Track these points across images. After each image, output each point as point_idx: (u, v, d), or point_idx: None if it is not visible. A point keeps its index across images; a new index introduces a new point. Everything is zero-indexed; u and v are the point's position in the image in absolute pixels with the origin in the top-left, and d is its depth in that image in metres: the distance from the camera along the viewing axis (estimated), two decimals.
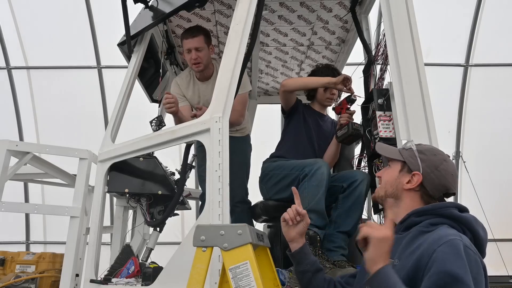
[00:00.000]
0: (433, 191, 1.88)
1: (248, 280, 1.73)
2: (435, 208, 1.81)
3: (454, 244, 1.59)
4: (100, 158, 3.08)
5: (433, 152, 1.96)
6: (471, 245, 1.64)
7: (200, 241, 1.83)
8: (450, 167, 1.91)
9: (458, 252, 1.56)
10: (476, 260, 1.59)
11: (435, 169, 1.89)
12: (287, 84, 3.54)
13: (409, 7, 2.82)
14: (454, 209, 1.78)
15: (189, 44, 3.56)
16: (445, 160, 1.92)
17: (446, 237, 1.63)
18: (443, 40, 7.64)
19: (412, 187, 1.90)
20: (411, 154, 1.95)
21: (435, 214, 1.79)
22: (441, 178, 1.88)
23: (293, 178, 3.25)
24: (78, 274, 3.18)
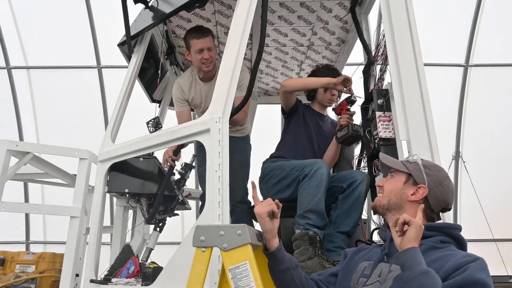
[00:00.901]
0: (435, 205, 1.94)
1: (248, 280, 1.73)
2: (446, 227, 1.89)
3: (484, 263, 1.68)
4: (100, 158, 3.09)
5: (437, 168, 2.03)
6: None
7: (199, 241, 1.83)
8: (451, 184, 1.99)
9: (487, 270, 1.65)
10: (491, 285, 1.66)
11: (440, 184, 1.95)
12: (287, 84, 3.54)
13: (409, 8, 2.82)
14: (458, 231, 1.89)
15: (202, 43, 3.57)
16: (447, 177, 1.99)
17: (475, 256, 1.71)
18: (443, 40, 7.65)
19: (416, 199, 1.94)
20: (416, 168, 1.99)
21: (444, 233, 1.86)
22: (444, 193, 1.95)
23: (293, 178, 3.26)
24: (78, 274, 3.19)
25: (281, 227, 3.41)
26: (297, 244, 2.92)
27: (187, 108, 3.84)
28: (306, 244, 2.88)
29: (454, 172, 8.20)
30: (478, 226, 7.48)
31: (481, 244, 8.03)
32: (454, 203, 7.97)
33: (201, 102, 3.80)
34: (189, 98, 3.80)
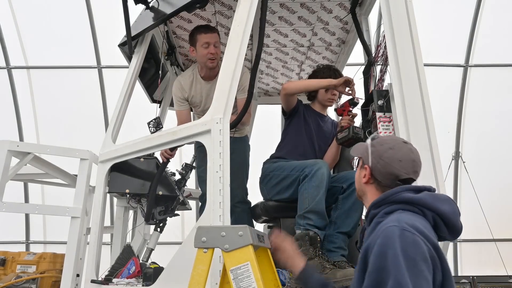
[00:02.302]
0: (384, 180, 1.90)
1: (249, 281, 1.74)
2: (387, 196, 1.82)
3: (387, 235, 1.60)
4: (101, 158, 3.09)
5: (382, 142, 1.96)
6: (413, 226, 1.62)
7: (201, 242, 1.84)
8: (397, 154, 1.90)
9: (390, 242, 1.57)
10: (414, 241, 1.57)
11: (380, 158, 1.90)
12: (288, 87, 3.53)
13: (409, 9, 2.82)
14: (406, 193, 1.79)
15: (209, 38, 3.58)
16: (391, 148, 1.91)
17: (384, 226, 1.65)
18: (443, 40, 7.65)
19: (366, 180, 1.95)
20: (365, 149, 1.99)
21: (388, 202, 1.81)
22: (387, 166, 1.88)
23: (294, 179, 3.26)
24: (78, 274, 3.19)
25: (282, 228, 3.43)
26: (298, 244, 2.92)
27: (187, 107, 3.85)
28: (307, 244, 2.89)
29: (454, 172, 8.20)
30: (477, 226, 7.47)
31: (480, 244, 8.05)
32: None
33: (201, 101, 3.81)
34: (189, 96, 3.80)
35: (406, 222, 1.63)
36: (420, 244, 1.57)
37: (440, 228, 1.74)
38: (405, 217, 1.67)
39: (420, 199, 1.75)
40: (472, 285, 6.55)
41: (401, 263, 1.51)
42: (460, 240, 8.26)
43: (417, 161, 1.92)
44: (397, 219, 1.66)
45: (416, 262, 1.53)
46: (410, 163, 1.89)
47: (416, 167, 1.91)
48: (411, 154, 1.91)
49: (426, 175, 2.50)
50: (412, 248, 1.55)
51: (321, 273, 2.75)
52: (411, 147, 1.95)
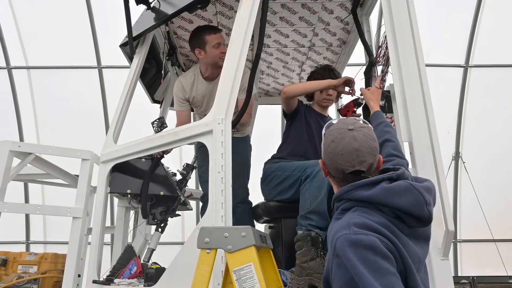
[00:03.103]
0: (336, 175, 1.80)
1: (252, 281, 1.74)
2: (341, 194, 1.74)
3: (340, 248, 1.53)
4: (102, 159, 3.09)
5: (328, 134, 1.85)
6: (365, 225, 1.56)
7: (204, 243, 1.84)
8: (338, 147, 1.76)
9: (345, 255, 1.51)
10: (370, 242, 1.51)
11: (325, 153, 1.81)
12: (288, 91, 3.53)
13: (411, 9, 2.83)
14: (358, 190, 1.69)
15: (220, 38, 3.63)
16: (333, 141, 1.78)
17: (335, 235, 1.57)
18: (443, 41, 7.66)
19: (325, 174, 1.87)
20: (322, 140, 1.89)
21: (344, 199, 1.73)
22: (331, 161, 1.78)
23: (295, 179, 3.26)
24: (80, 275, 3.19)
25: (283, 228, 3.43)
26: (300, 245, 2.93)
27: (187, 108, 3.86)
28: (309, 245, 2.89)
29: (454, 172, 8.22)
30: (477, 227, 7.50)
31: (480, 245, 8.06)
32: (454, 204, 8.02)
33: (203, 102, 3.81)
34: (190, 97, 3.80)
35: (357, 223, 1.57)
36: (376, 243, 1.51)
37: (404, 219, 1.65)
38: (356, 218, 1.60)
39: (371, 197, 1.65)
40: (472, 285, 6.57)
41: (362, 271, 1.46)
42: (460, 241, 8.28)
43: (362, 149, 1.74)
44: (347, 223, 1.59)
45: (378, 263, 1.48)
46: (353, 154, 1.73)
47: (362, 156, 1.74)
48: (353, 143, 1.74)
49: (427, 176, 2.51)
50: (370, 250, 1.49)
51: (322, 274, 2.74)
52: (357, 133, 1.77)
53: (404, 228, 1.64)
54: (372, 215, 1.62)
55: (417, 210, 1.63)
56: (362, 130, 1.79)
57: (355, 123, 1.83)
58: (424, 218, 1.65)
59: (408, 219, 1.64)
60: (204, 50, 3.63)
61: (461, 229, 8.12)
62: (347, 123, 1.82)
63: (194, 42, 3.68)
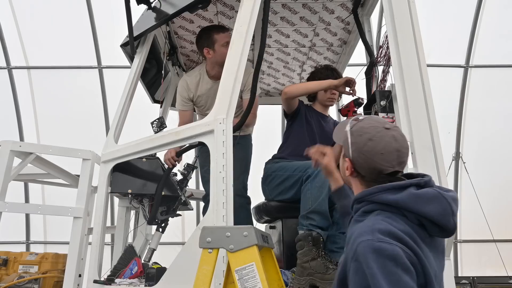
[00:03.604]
0: (368, 175, 1.71)
1: (254, 281, 1.74)
2: (365, 195, 1.67)
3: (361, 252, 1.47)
4: (103, 159, 3.10)
5: (361, 131, 1.74)
6: (389, 233, 1.49)
7: (206, 242, 1.84)
8: (378, 146, 1.67)
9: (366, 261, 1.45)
10: (393, 253, 1.44)
11: (360, 152, 1.70)
12: (289, 91, 3.53)
13: (412, 9, 2.82)
14: (384, 194, 1.62)
15: (229, 36, 3.61)
16: (371, 139, 1.69)
17: (358, 238, 1.51)
18: (444, 41, 7.66)
19: (350, 173, 1.76)
20: (346, 137, 1.78)
21: (367, 201, 1.66)
22: (368, 160, 1.69)
23: (296, 179, 3.26)
24: (80, 275, 3.19)
25: (284, 228, 3.43)
26: (301, 245, 2.93)
27: (190, 108, 3.86)
28: (310, 245, 2.89)
29: (454, 172, 8.21)
30: (478, 227, 7.49)
31: (481, 245, 8.06)
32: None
33: (207, 101, 3.80)
34: (194, 96, 3.80)
35: (381, 230, 1.50)
36: (399, 255, 1.44)
37: (428, 227, 1.58)
38: (381, 223, 1.53)
39: (398, 202, 1.58)
40: (472, 285, 6.57)
41: (381, 282, 1.40)
42: (461, 241, 8.27)
43: (402, 150, 1.69)
44: (371, 228, 1.52)
45: (398, 275, 1.41)
46: (394, 154, 1.67)
47: (402, 157, 1.69)
48: (394, 143, 1.68)
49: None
50: (391, 261, 1.43)
51: (324, 274, 2.75)
52: (395, 132, 1.71)
53: (426, 237, 1.59)
54: (396, 221, 1.55)
55: (443, 219, 1.57)
56: (398, 130, 1.74)
57: (387, 122, 1.76)
58: (449, 228, 1.59)
59: (431, 228, 1.58)
60: (213, 49, 3.65)
61: (461, 229, 8.11)
62: (381, 122, 1.75)
63: (202, 41, 3.69)
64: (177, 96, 3.86)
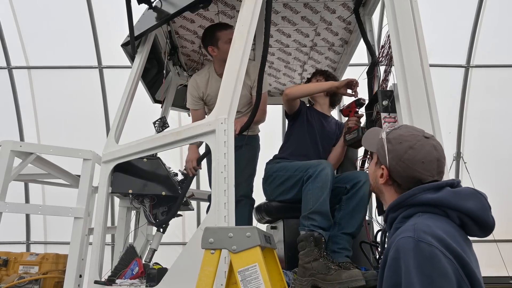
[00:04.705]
0: (405, 184, 1.71)
1: (257, 282, 1.73)
2: (404, 199, 1.65)
3: (400, 248, 1.47)
4: (104, 159, 3.09)
5: (400, 139, 1.73)
6: (431, 234, 1.47)
7: (208, 243, 1.83)
8: (419, 154, 1.68)
9: (403, 257, 1.44)
10: (431, 255, 1.42)
11: (399, 160, 1.70)
12: (290, 93, 3.53)
13: (414, 8, 2.81)
14: (424, 194, 1.62)
15: (232, 33, 3.57)
16: (412, 148, 1.69)
17: (399, 235, 1.51)
18: (444, 41, 7.65)
19: (384, 181, 1.76)
20: (381, 144, 1.78)
21: (406, 206, 1.65)
22: (407, 169, 1.68)
23: (297, 180, 3.25)
24: (81, 275, 3.18)
25: (285, 228, 3.41)
26: (302, 245, 2.91)
27: (201, 106, 3.86)
28: (311, 245, 2.87)
29: (455, 173, 8.20)
30: None
31: (481, 245, 8.02)
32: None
33: (216, 100, 3.78)
34: (204, 95, 3.80)
35: (423, 230, 1.48)
36: (438, 258, 1.42)
37: (468, 226, 1.58)
38: (423, 223, 1.52)
39: (440, 199, 1.58)
40: None
41: (414, 282, 1.39)
42: None
43: (442, 159, 1.70)
44: (413, 227, 1.50)
45: (432, 280, 1.39)
46: (435, 164, 1.68)
47: (441, 167, 1.69)
48: (434, 152, 1.69)
49: None
50: (428, 263, 1.41)
51: (326, 274, 2.73)
52: (434, 142, 1.72)
53: (466, 239, 1.58)
54: (439, 221, 1.55)
55: (484, 214, 1.58)
56: (436, 139, 1.75)
57: (424, 131, 1.78)
58: (489, 224, 1.59)
59: (472, 226, 1.59)
60: (217, 47, 3.65)
61: None
62: (419, 130, 1.77)
63: (207, 40, 3.71)
64: (188, 95, 3.86)
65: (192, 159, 3.39)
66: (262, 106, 3.33)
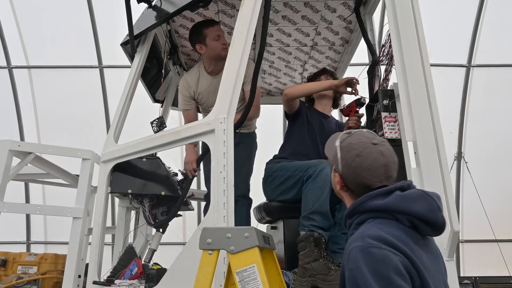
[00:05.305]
0: (357, 190, 1.76)
1: (256, 283, 1.71)
2: (355, 206, 1.71)
3: (352, 260, 1.50)
4: (103, 158, 3.07)
5: (350, 147, 1.79)
6: (379, 238, 1.52)
7: (206, 244, 1.81)
8: (365, 162, 1.73)
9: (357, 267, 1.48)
10: (383, 257, 1.47)
11: (349, 168, 1.76)
12: (290, 93, 3.51)
13: (415, 7, 2.79)
14: (373, 200, 1.66)
15: (219, 30, 3.63)
16: (359, 155, 1.74)
17: (350, 245, 1.55)
18: (445, 40, 7.62)
19: (340, 187, 1.82)
20: (335, 152, 1.83)
21: (359, 212, 1.70)
22: (356, 176, 1.74)
23: (297, 179, 3.23)
24: (80, 275, 3.17)
25: (286, 229, 3.40)
26: (302, 245, 2.90)
27: (193, 106, 3.83)
28: (312, 246, 2.86)
29: (456, 172, 8.18)
30: (480, 227, 7.46)
31: (483, 245, 8.03)
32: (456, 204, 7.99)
33: (208, 98, 3.77)
34: (195, 93, 3.78)
35: (370, 235, 1.53)
36: (390, 258, 1.47)
37: (420, 227, 1.62)
38: (370, 229, 1.57)
39: (387, 204, 1.62)
40: (474, 285, 6.53)
41: (374, 286, 1.42)
42: (463, 241, 8.24)
43: (390, 164, 1.74)
44: (361, 235, 1.56)
45: (391, 279, 1.43)
46: (382, 169, 1.73)
47: (389, 172, 1.74)
48: (381, 158, 1.73)
49: (432, 176, 2.48)
50: (383, 265, 1.45)
51: (326, 275, 2.72)
52: (382, 148, 1.76)
53: (419, 239, 1.62)
54: (387, 226, 1.59)
55: (432, 215, 1.61)
56: (385, 144, 1.78)
57: (375, 137, 1.81)
58: (439, 224, 1.63)
59: (423, 227, 1.62)
60: (205, 44, 3.62)
61: (463, 230, 8.07)
62: (369, 137, 1.80)
63: (194, 38, 3.67)
64: (179, 95, 3.83)
65: (191, 160, 3.38)
66: (256, 101, 3.31)
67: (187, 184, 3.21)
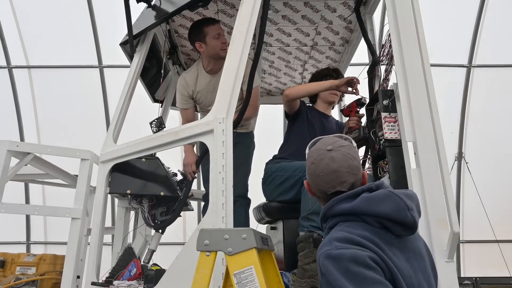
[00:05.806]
0: (320, 196, 1.82)
1: (253, 285, 1.70)
2: (325, 211, 1.74)
3: (322, 265, 1.52)
4: (102, 159, 3.05)
5: (309, 155, 1.86)
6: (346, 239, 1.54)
7: (204, 245, 1.80)
8: (318, 169, 1.76)
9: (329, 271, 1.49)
10: (352, 255, 1.48)
11: (308, 175, 1.83)
12: (290, 93, 3.50)
13: (415, 7, 2.78)
14: (339, 204, 1.68)
15: (219, 28, 3.61)
16: (313, 163, 1.79)
17: (319, 251, 1.57)
18: (446, 40, 7.60)
19: (311, 194, 1.88)
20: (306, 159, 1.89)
21: (330, 217, 1.72)
22: (313, 183, 1.81)
23: (296, 180, 3.23)
24: (79, 276, 3.16)
25: (285, 229, 3.39)
26: (302, 246, 2.89)
27: (191, 106, 3.81)
28: (311, 246, 2.85)
29: (457, 173, 8.16)
30: (480, 228, 7.44)
31: (483, 246, 8.01)
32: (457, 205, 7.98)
33: (206, 97, 3.75)
34: (194, 92, 3.76)
35: (338, 238, 1.55)
36: (358, 255, 1.49)
37: (390, 227, 1.61)
38: (338, 233, 1.59)
39: (353, 208, 1.64)
40: (475, 286, 6.50)
41: (347, 285, 1.44)
42: (463, 241, 8.23)
43: (341, 170, 1.74)
44: (328, 239, 1.58)
45: (363, 275, 1.45)
46: (332, 176, 1.74)
47: (341, 177, 1.73)
48: (331, 164, 1.74)
49: (432, 177, 2.46)
50: (352, 263, 1.47)
51: None
52: (335, 153, 1.76)
53: (392, 239, 1.62)
54: (354, 228, 1.60)
55: (399, 215, 1.60)
56: (341, 150, 1.78)
57: (334, 142, 1.82)
58: (408, 223, 1.62)
59: (393, 227, 1.62)
60: (205, 42, 3.60)
61: (464, 230, 8.06)
62: (326, 143, 1.82)
63: (193, 36, 3.65)
64: (177, 95, 3.81)
65: (190, 162, 3.36)
66: (253, 101, 3.29)
67: (187, 187, 3.20)
